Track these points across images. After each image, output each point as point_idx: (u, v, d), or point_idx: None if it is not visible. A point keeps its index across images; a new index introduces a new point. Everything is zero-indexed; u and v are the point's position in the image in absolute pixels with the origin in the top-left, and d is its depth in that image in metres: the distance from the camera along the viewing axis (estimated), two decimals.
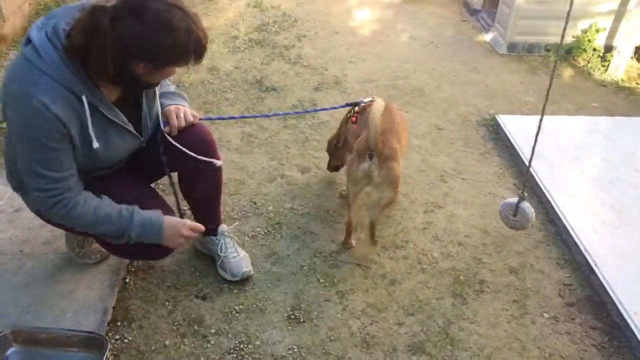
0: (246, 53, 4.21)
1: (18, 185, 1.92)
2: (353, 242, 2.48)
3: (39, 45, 1.57)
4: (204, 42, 1.65)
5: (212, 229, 2.31)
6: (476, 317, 2.21)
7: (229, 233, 2.34)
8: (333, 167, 2.87)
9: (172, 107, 2.00)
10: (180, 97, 2.08)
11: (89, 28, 1.54)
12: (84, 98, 1.63)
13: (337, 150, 2.76)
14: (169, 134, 1.98)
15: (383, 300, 2.26)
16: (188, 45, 1.61)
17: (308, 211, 2.70)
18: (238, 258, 2.30)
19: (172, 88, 2.09)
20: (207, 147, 2.11)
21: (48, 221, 1.94)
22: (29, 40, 1.61)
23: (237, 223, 2.53)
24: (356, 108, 2.59)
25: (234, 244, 2.33)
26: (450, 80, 4.05)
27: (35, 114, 1.57)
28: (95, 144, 1.71)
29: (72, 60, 1.59)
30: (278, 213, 2.67)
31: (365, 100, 2.57)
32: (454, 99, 3.80)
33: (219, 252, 2.29)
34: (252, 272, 2.30)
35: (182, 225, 1.88)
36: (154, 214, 1.86)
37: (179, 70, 1.79)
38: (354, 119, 2.58)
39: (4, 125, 3.05)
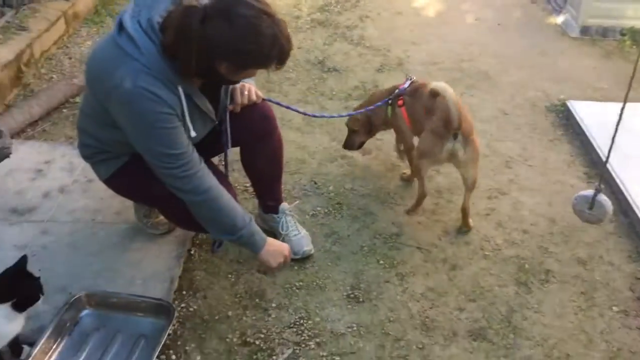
0: (308, 33, 4.20)
1: (88, 154, 1.99)
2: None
3: (137, 38, 1.62)
4: (288, 49, 1.69)
5: (273, 207, 2.34)
6: (541, 307, 2.16)
7: (290, 211, 2.36)
8: (358, 144, 2.77)
9: (237, 85, 2.03)
10: None
11: (181, 27, 1.59)
12: (180, 88, 1.69)
13: (374, 128, 2.70)
14: (232, 111, 2.03)
15: (444, 284, 2.23)
16: (272, 52, 1.66)
17: (369, 192, 2.69)
18: (299, 236, 2.32)
19: None
20: (268, 123, 2.16)
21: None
22: (120, 27, 1.65)
23: (298, 202, 2.55)
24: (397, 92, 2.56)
25: (295, 222, 2.35)
26: (517, 64, 3.92)
27: (145, 102, 1.63)
28: (193, 133, 1.78)
29: (166, 54, 1.64)
30: (338, 193, 2.67)
31: (406, 85, 2.54)
32: (521, 83, 3.68)
33: (280, 229, 2.32)
34: (312, 251, 2.32)
35: (286, 248, 2.01)
36: (261, 232, 1.96)
37: None
38: (400, 102, 2.55)
39: (77, 99, 3.19)
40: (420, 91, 2.49)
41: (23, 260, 1.66)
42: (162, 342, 1.80)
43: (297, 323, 2.04)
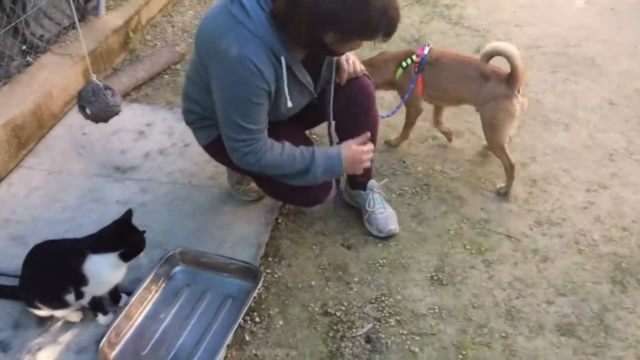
0: (405, 11, 4.12)
1: (192, 120, 2.07)
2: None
3: (249, 6, 1.66)
4: (396, 22, 1.68)
5: (361, 183, 2.35)
6: (636, 308, 2.03)
7: (377, 189, 2.35)
8: None
9: (342, 58, 2.03)
10: None
11: None
12: (282, 59, 1.72)
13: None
14: (337, 84, 2.04)
15: (532, 275, 2.16)
16: (380, 24, 1.66)
17: (458, 176, 2.63)
18: (385, 214, 2.31)
19: None
20: (367, 100, 2.17)
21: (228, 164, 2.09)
22: None
23: (386, 180, 2.54)
24: (415, 57, 2.51)
25: (382, 200, 2.34)
26: (629, 52, 3.65)
27: (245, 71, 1.68)
28: (290, 104, 1.82)
29: (276, 23, 1.67)
30: (427, 174, 2.63)
31: (425, 52, 2.48)
32: (631, 73, 3.43)
33: (366, 206, 2.32)
34: (397, 230, 2.31)
35: (359, 152, 1.98)
36: (329, 148, 1.95)
37: None
38: (415, 68, 2.50)
39: (178, 66, 3.32)
40: (442, 61, 2.48)
41: (129, 213, 1.76)
42: (248, 304, 1.87)
43: (379, 299, 2.05)
